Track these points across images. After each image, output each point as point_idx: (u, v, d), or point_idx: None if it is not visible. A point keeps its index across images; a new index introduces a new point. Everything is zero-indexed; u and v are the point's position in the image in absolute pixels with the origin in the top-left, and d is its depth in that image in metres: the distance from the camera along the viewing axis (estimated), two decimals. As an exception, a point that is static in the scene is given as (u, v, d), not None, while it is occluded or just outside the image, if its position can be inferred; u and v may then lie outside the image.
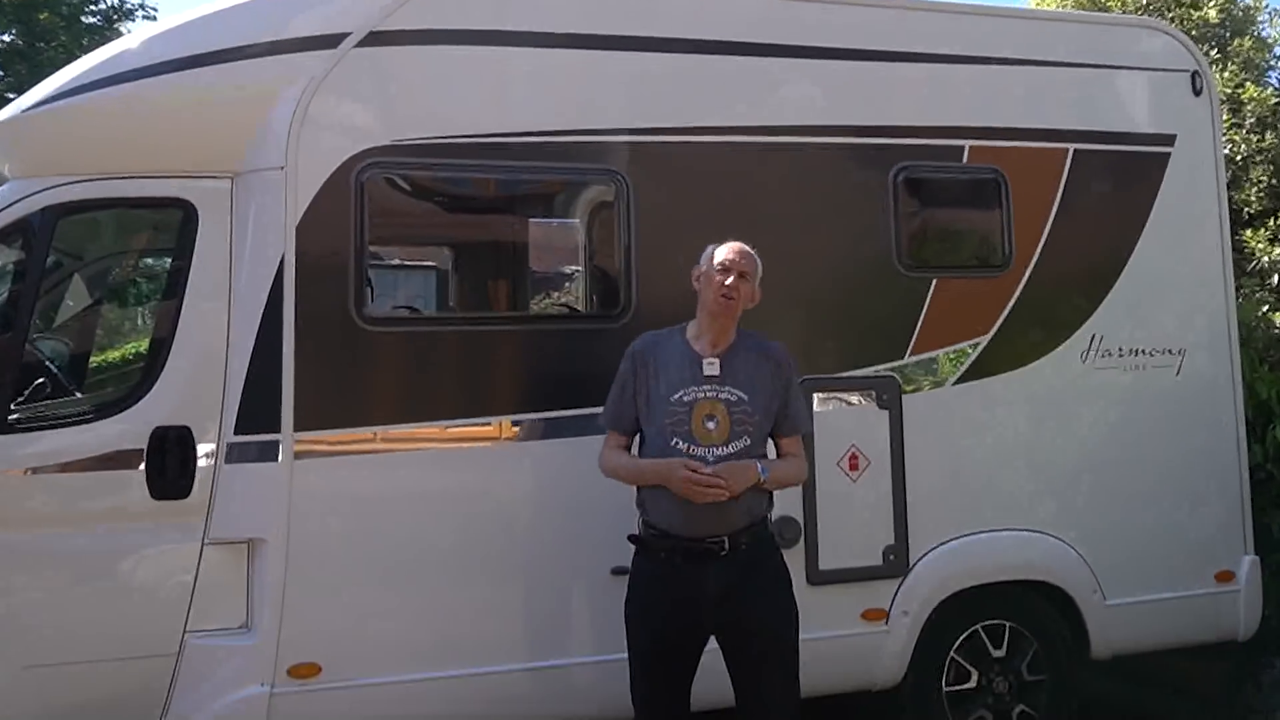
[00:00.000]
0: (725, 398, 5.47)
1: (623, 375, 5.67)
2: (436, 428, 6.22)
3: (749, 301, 5.63)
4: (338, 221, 6.07)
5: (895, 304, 7.00)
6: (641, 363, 5.61)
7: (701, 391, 5.47)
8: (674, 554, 5.44)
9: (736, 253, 5.61)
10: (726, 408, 5.46)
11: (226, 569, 5.93)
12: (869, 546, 6.83)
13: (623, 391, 5.65)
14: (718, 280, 5.54)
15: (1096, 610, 7.25)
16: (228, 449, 5.93)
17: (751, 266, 5.63)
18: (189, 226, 6.06)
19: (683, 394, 5.47)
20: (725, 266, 5.56)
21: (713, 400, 5.46)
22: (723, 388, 5.49)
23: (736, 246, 5.64)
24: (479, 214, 7.14)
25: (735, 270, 5.55)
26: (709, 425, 5.43)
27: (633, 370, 5.62)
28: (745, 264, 5.60)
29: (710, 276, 5.58)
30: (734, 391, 5.49)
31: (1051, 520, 7.21)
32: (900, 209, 7.03)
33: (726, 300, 5.53)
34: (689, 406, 5.45)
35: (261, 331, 5.97)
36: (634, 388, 5.60)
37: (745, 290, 5.58)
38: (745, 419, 5.47)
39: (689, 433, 5.42)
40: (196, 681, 5.85)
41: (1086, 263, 7.41)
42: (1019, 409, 7.21)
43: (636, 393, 5.58)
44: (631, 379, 5.61)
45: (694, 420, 5.43)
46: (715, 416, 5.44)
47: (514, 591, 6.32)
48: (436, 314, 8.15)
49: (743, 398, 5.49)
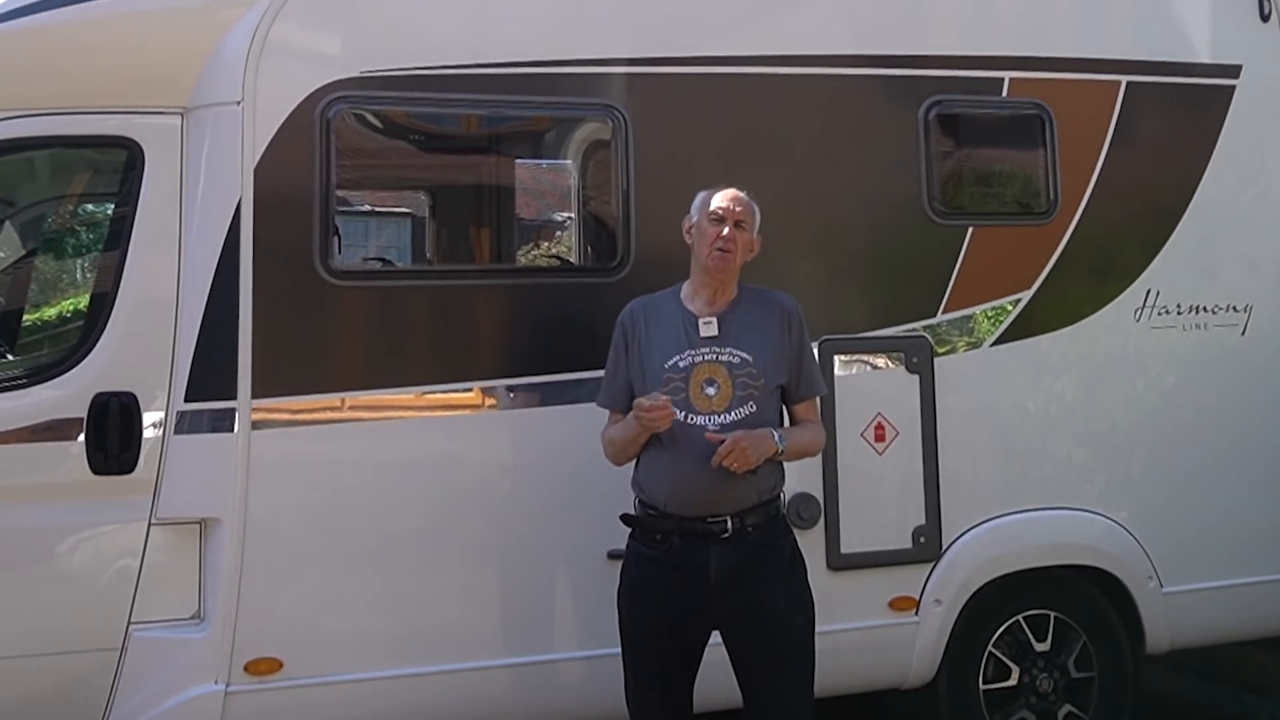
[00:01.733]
0: (726, 360, 5.40)
1: (614, 348, 5.63)
2: (411, 394, 6.16)
3: (748, 253, 5.55)
4: (301, 163, 5.98)
5: (926, 255, 6.90)
6: (632, 331, 5.56)
7: (699, 355, 5.41)
8: (671, 536, 5.37)
9: (731, 199, 5.51)
10: (728, 370, 5.38)
11: (176, 553, 5.84)
12: (897, 527, 6.75)
13: (616, 366, 5.62)
14: (711, 232, 5.44)
15: (1152, 599, 7.15)
16: (177, 418, 5.83)
17: (749, 214, 5.54)
18: (133, 168, 5.97)
19: (678, 359, 5.40)
20: (719, 215, 5.47)
21: (711, 363, 5.39)
22: (723, 349, 5.41)
23: (730, 192, 5.54)
24: (459, 154, 7.06)
25: (731, 219, 5.45)
26: (708, 391, 5.36)
27: (624, 340, 5.58)
28: (742, 211, 5.50)
29: (703, 228, 5.50)
30: (736, 353, 5.41)
31: (1101, 498, 7.12)
32: (932, 149, 6.92)
33: (722, 254, 5.43)
34: (685, 372, 5.38)
35: (215, 286, 5.88)
36: (626, 360, 5.55)
37: (743, 241, 5.48)
38: (749, 382, 5.39)
39: (686, 400, 5.35)
40: (142, 679, 5.76)
41: (1141, 209, 7.32)
42: (1065, 373, 7.10)
43: (629, 364, 5.54)
44: (624, 350, 5.57)
45: (691, 387, 5.36)
46: (715, 381, 5.37)
47: (498, 578, 6.24)
48: (411, 266, 8.22)
49: (746, 359, 5.40)
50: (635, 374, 5.49)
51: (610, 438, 5.58)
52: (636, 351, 5.50)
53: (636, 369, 5.48)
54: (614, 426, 5.58)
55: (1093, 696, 7.13)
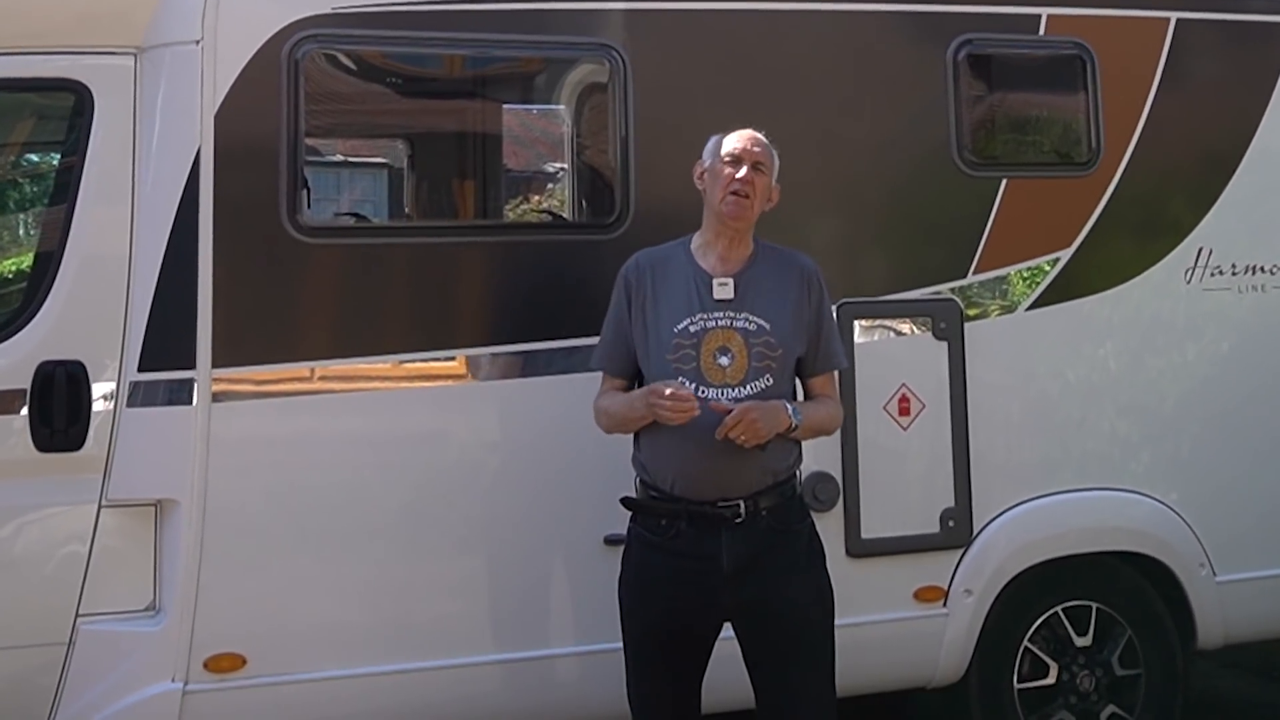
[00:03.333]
0: (742, 326, 5.32)
1: (615, 305, 5.56)
2: (388, 363, 6.15)
3: (766, 202, 5.47)
4: (266, 108, 5.95)
5: (956, 210, 6.87)
6: (636, 287, 5.48)
7: (712, 319, 5.33)
8: (678, 520, 5.30)
9: (749, 140, 5.44)
10: (744, 339, 5.31)
11: (129, 538, 5.81)
12: (923, 510, 6.72)
13: (616, 326, 5.54)
14: (727, 174, 5.36)
15: (1205, 588, 7.11)
16: (130, 389, 5.80)
17: (768, 157, 5.46)
18: (81, 114, 5.94)
19: (688, 323, 5.32)
20: (735, 156, 5.38)
21: (726, 330, 5.31)
22: (738, 314, 5.34)
23: (748, 133, 5.46)
24: (440, 99, 7.17)
25: (749, 160, 5.37)
26: (722, 361, 5.28)
27: (626, 298, 5.49)
28: (760, 153, 5.42)
29: (717, 171, 5.42)
30: (752, 319, 5.34)
31: (1148, 477, 7.09)
32: (962, 93, 6.89)
33: (739, 200, 5.34)
34: (696, 338, 5.30)
35: (172, 244, 5.84)
36: (629, 320, 5.47)
37: (761, 185, 5.40)
38: (767, 353, 5.32)
39: (697, 370, 5.27)
40: (91, 677, 5.72)
41: (1192, 159, 7.28)
42: (1108, 340, 7.08)
43: (632, 325, 5.46)
44: (626, 309, 5.49)
45: (703, 355, 5.28)
46: (730, 350, 5.30)
47: (485, 566, 6.22)
48: (388, 223, 8.30)
49: (763, 326, 5.33)
50: (639, 337, 5.42)
51: (607, 410, 5.51)
52: (641, 312, 5.42)
53: (640, 331, 5.41)
54: (611, 398, 5.51)
55: (1139, 696, 7.10)
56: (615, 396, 5.51)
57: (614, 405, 5.48)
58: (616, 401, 5.48)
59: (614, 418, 5.49)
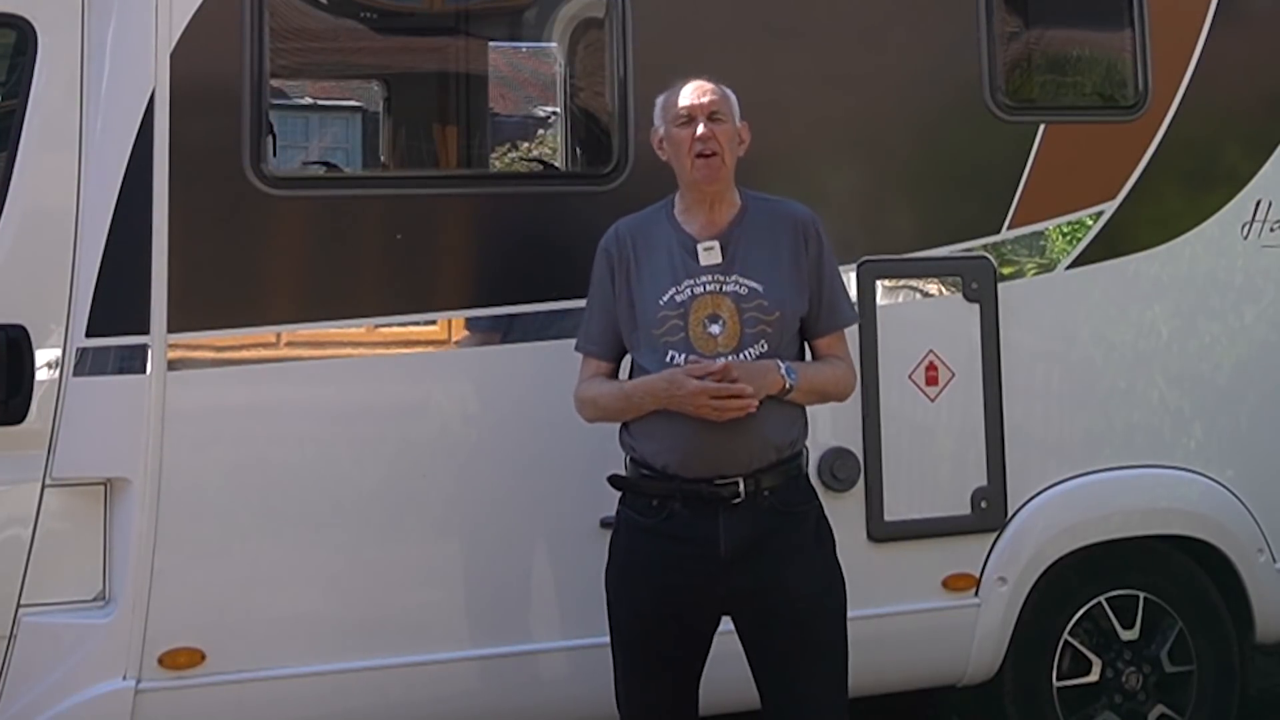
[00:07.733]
0: (732, 290, 5.34)
1: (597, 282, 5.60)
2: (361, 328, 6.17)
3: (737, 148, 5.48)
4: (227, 46, 5.95)
5: (988, 158, 6.89)
6: (619, 260, 5.51)
7: (700, 285, 5.36)
8: (671, 501, 5.31)
9: (695, 92, 5.45)
10: (735, 304, 5.32)
11: (76, 520, 5.82)
12: (953, 490, 6.74)
13: (599, 303, 5.58)
14: (684, 136, 5.39)
15: (1264, 576, 7.16)
16: (77, 356, 5.80)
17: (723, 102, 5.47)
18: (24, 53, 5.92)
19: (674, 292, 5.35)
20: (686, 115, 5.41)
21: (715, 295, 5.33)
22: (728, 277, 5.36)
23: (692, 85, 5.47)
24: (420, 36, 7.23)
25: (702, 114, 5.39)
26: (712, 329, 5.31)
27: (608, 271, 5.54)
28: (712, 102, 5.43)
29: (674, 136, 5.44)
30: (744, 281, 5.35)
31: (1202, 455, 7.11)
32: (995, 27, 6.89)
33: (706, 161, 5.36)
34: (683, 308, 5.33)
35: (123, 196, 5.84)
36: (613, 296, 5.50)
37: (725, 134, 5.40)
38: (761, 316, 5.33)
39: (685, 341, 5.30)
40: (35, 673, 5.72)
41: (1249, 103, 7.29)
42: (1157, 301, 7.10)
43: (616, 300, 5.49)
44: (609, 284, 5.52)
45: (691, 325, 5.32)
46: (720, 316, 5.32)
47: (466, 552, 6.23)
48: (361, 172, 8.18)
49: (755, 288, 5.34)
50: (624, 313, 5.45)
51: (594, 400, 5.53)
52: (625, 286, 5.45)
53: (626, 307, 5.44)
54: (599, 386, 5.53)
55: (1190, 695, 7.12)
56: (603, 385, 5.54)
57: (604, 396, 5.51)
58: (606, 394, 5.52)
59: (606, 410, 5.52)
